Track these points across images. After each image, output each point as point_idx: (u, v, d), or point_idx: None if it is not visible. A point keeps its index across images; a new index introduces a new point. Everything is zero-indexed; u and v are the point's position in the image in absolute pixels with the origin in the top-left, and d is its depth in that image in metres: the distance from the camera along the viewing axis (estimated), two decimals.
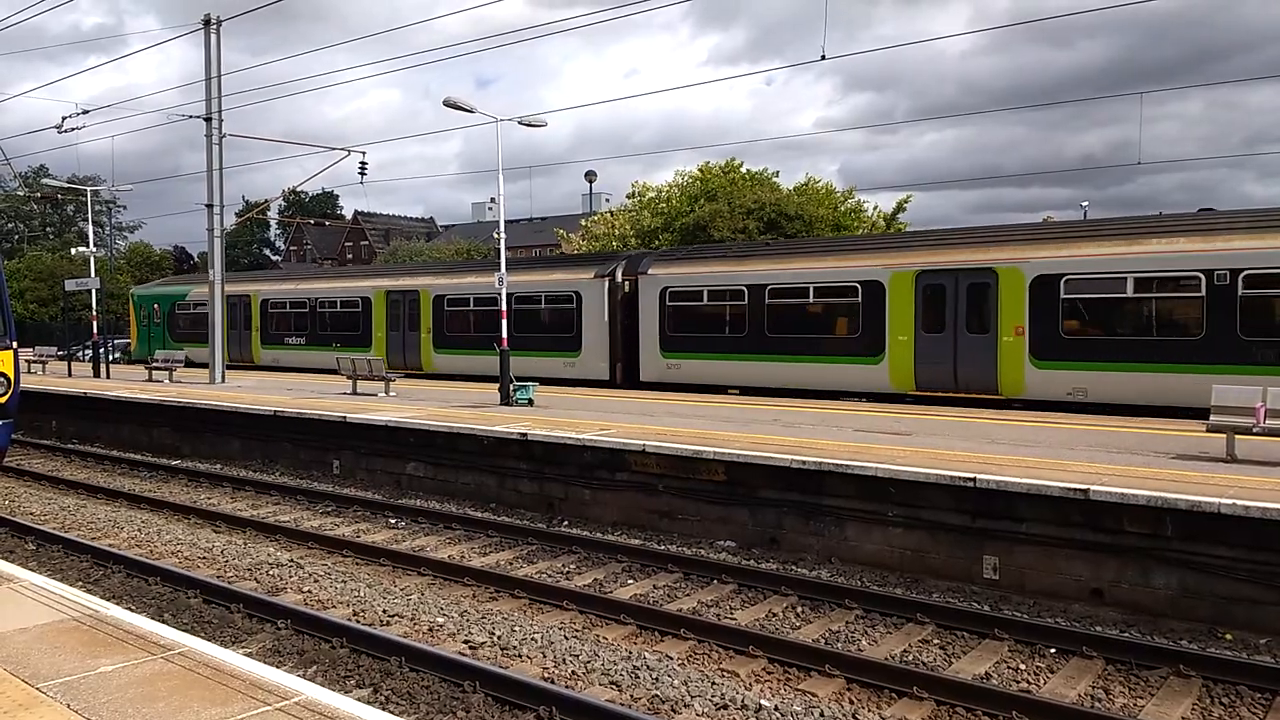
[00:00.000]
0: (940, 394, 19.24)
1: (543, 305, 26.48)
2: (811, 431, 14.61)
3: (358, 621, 9.18)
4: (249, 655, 7.50)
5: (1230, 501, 8.94)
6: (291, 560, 11.75)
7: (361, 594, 10.24)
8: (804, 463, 11.77)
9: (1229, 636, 8.80)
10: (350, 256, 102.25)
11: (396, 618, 9.39)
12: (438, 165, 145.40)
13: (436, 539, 13.19)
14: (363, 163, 28.47)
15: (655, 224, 38.98)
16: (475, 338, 27.28)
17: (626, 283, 24.95)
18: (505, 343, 20.80)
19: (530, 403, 19.45)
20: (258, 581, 10.85)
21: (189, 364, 29.85)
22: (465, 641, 8.65)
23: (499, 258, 22.53)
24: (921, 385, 19.63)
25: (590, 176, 48.13)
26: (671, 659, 8.35)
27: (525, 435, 14.77)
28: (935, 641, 8.93)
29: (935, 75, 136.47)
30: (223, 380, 26.33)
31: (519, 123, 22.48)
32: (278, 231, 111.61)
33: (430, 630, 9.02)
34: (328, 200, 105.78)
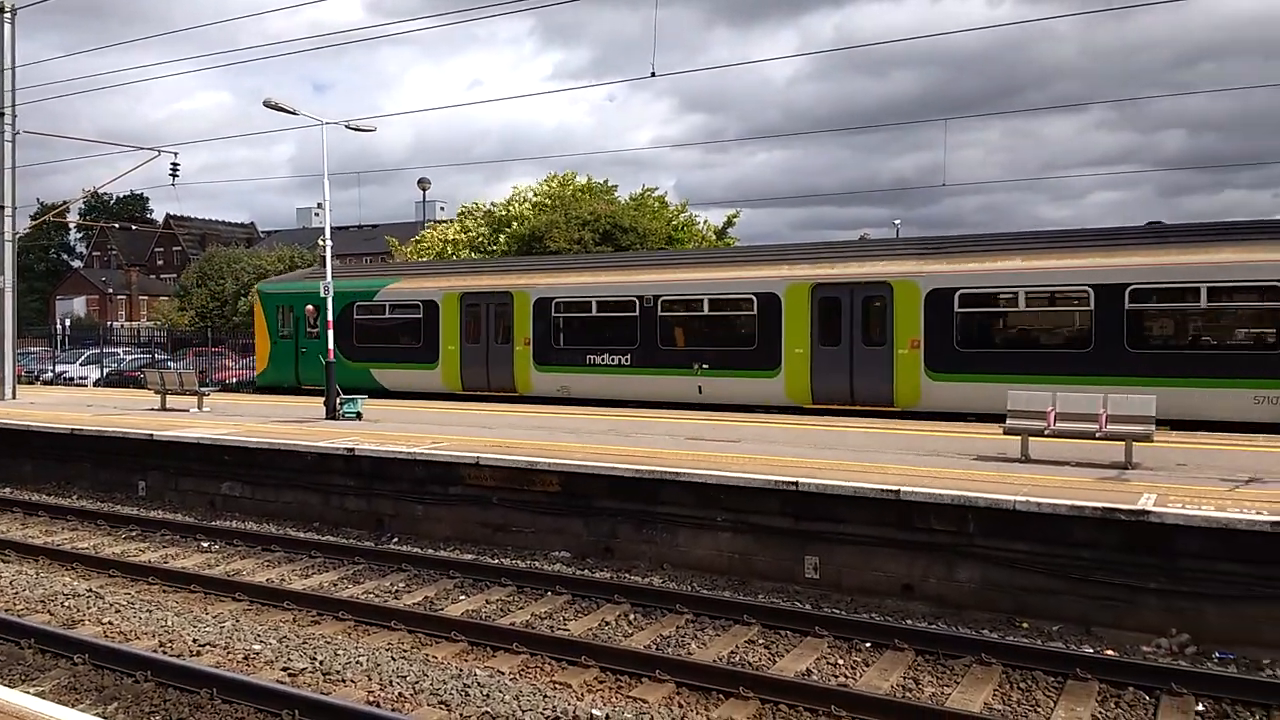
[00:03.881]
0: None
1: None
2: (648, 441, 14.79)
3: (164, 653, 8.58)
4: (40, 694, 6.89)
5: (1024, 499, 9.66)
6: (90, 590, 10.87)
7: (169, 623, 9.58)
8: (638, 471, 11.90)
9: (1025, 625, 9.50)
10: (161, 263, 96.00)
11: (208, 647, 8.84)
12: (267, 170, 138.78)
13: (254, 562, 12.53)
14: (174, 164, 26.84)
15: (482, 236, 38.56)
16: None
17: None
18: (332, 354, 20.04)
19: (359, 416, 18.81)
20: (51, 614, 9.98)
21: (376, 394, 23.40)
22: (284, 669, 8.23)
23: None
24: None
25: (423, 184, 47.02)
26: (503, 674, 8.24)
27: (352, 450, 14.26)
28: (761, 641, 9.20)
29: (764, 99, 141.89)
30: (13, 396, 24.15)
31: (347, 127, 21.78)
32: (79, 236, 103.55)
33: (246, 658, 8.54)
34: (136, 203, 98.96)
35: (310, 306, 25.24)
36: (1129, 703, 7.67)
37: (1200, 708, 7.51)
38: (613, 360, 21.92)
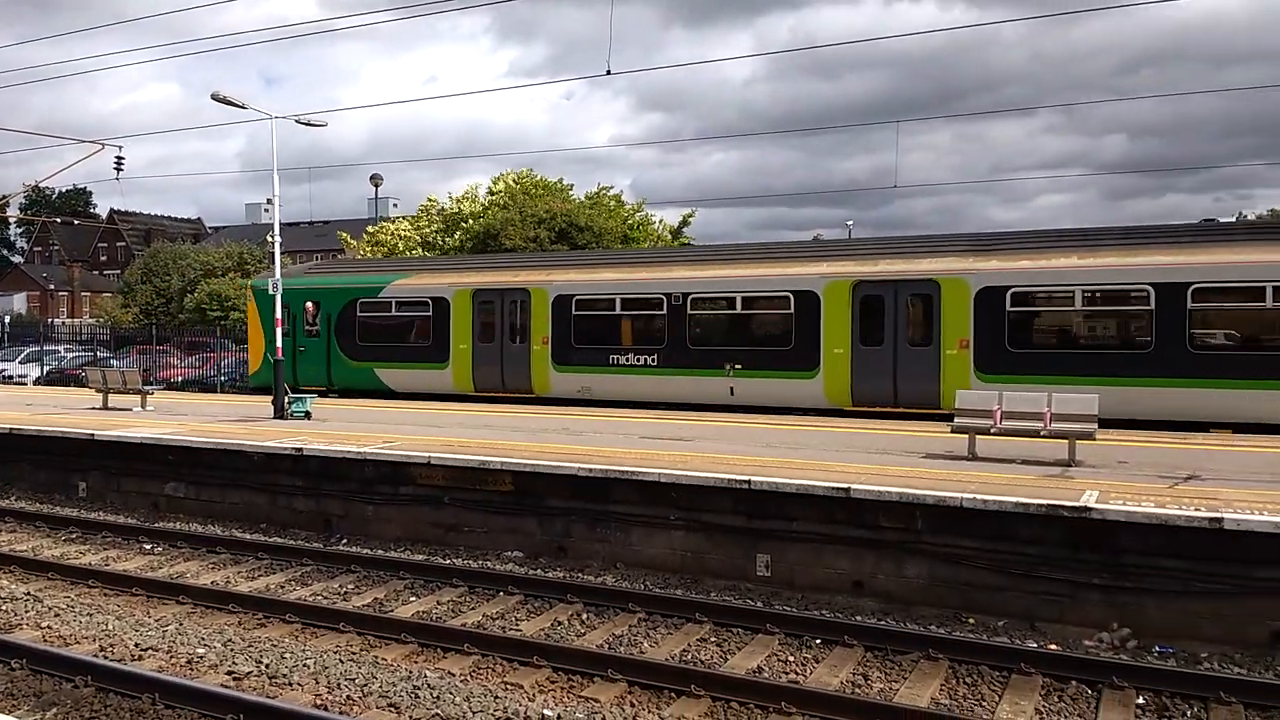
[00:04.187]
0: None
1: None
2: (599, 439, 14.77)
3: (105, 657, 8.38)
4: None
5: (971, 496, 9.81)
6: (28, 593, 10.57)
7: (110, 627, 9.35)
8: (590, 470, 11.88)
9: (972, 620, 9.64)
10: (104, 258, 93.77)
11: (151, 651, 8.64)
12: (217, 164, 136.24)
13: (199, 564, 12.29)
14: (119, 158, 26.24)
15: (437, 233, 38.22)
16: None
17: None
18: (280, 352, 19.73)
19: (308, 415, 18.55)
20: None
21: (381, 395, 23.18)
22: (229, 672, 8.08)
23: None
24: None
25: (376, 180, 46.47)
26: (454, 675, 8.18)
27: (300, 450, 14.04)
28: (713, 639, 9.23)
29: (721, 100, 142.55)
30: None
31: (297, 121, 21.44)
32: (19, 231, 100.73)
33: (189, 662, 8.36)
34: (79, 197, 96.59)
35: (309, 303, 24.65)
36: (1072, 696, 7.82)
37: (1141, 701, 7.68)
38: (638, 360, 20.94)
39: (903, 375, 18.30)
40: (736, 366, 19.79)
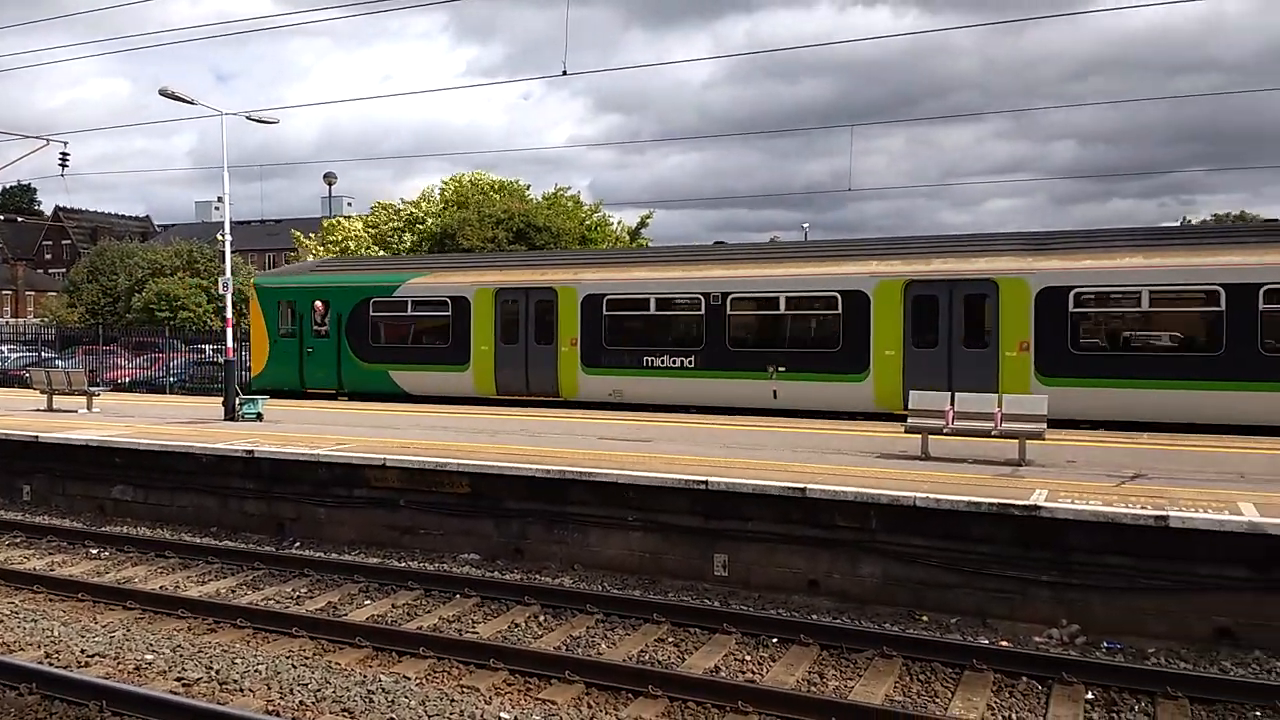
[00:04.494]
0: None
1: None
2: (556, 441, 14.73)
3: (51, 664, 8.17)
4: None
5: (924, 495, 9.95)
6: None
7: (56, 633, 9.12)
8: (548, 471, 11.84)
9: (925, 618, 9.77)
10: (49, 257, 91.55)
11: (97, 658, 8.44)
12: (166, 161, 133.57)
13: (147, 569, 12.04)
14: (64, 154, 25.59)
15: (393, 232, 37.89)
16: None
17: None
18: (231, 351, 19.41)
19: (259, 417, 18.27)
20: None
21: (395, 398, 22.35)
22: (178, 679, 7.91)
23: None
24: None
25: (329, 179, 45.96)
26: (409, 679, 8.09)
27: (251, 452, 13.82)
28: (670, 640, 9.25)
29: (679, 101, 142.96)
30: None
31: (248, 118, 21.14)
32: None
33: (137, 669, 8.18)
34: (23, 194, 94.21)
35: (318, 302, 23.72)
36: (1022, 692, 7.95)
37: (1090, 696, 7.83)
38: (674, 362, 20.17)
39: (959, 378, 17.42)
40: (780, 369, 19.18)
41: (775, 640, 9.09)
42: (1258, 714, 7.36)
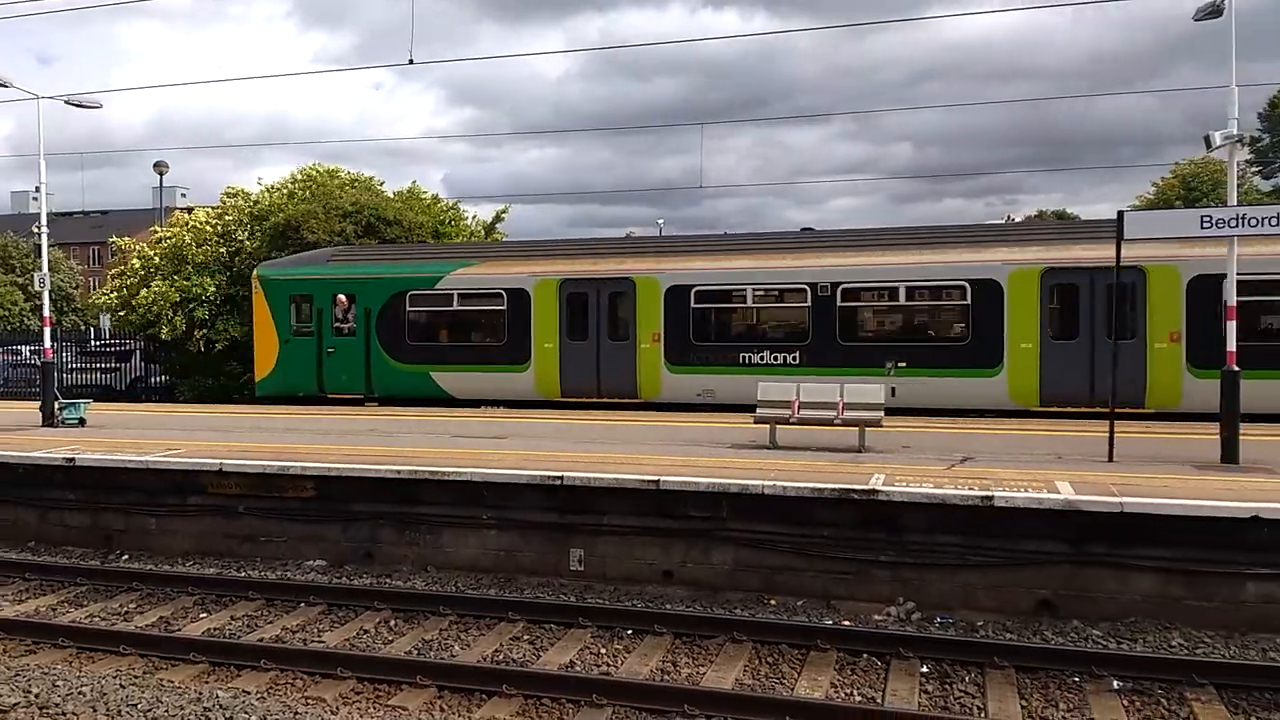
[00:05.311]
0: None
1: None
2: (410, 440, 14.38)
3: None
4: None
5: (771, 483, 10.24)
6: None
7: None
8: (398, 472, 11.55)
9: (774, 602, 10.07)
10: None
11: None
12: None
13: None
14: None
15: (241, 224, 36.00)
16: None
17: None
18: (49, 352, 18.04)
19: (81, 422, 17.06)
20: None
21: (437, 401, 20.09)
22: None
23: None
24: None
25: (160, 168, 43.25)
26: (249, 694, 7.73)
27: (73, 460, 12.89)
28: (525, 637, 9.19)
29: (535, 96, 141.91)
30: None
31: (67, 102, 19.61)
32: None
33: None
34: None
35: (342, 296, 21.17)
36: (863, 669, 8.31)
37: (925, 670, 8.25)
38: (776, 359, 18.75)
39: (1102, 371, 16.46)
40: (900, 365, 17.95)
41: (630, 632, 9.17)
42: (1076, 679, 7.93)
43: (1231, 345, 12.26)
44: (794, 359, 18.67)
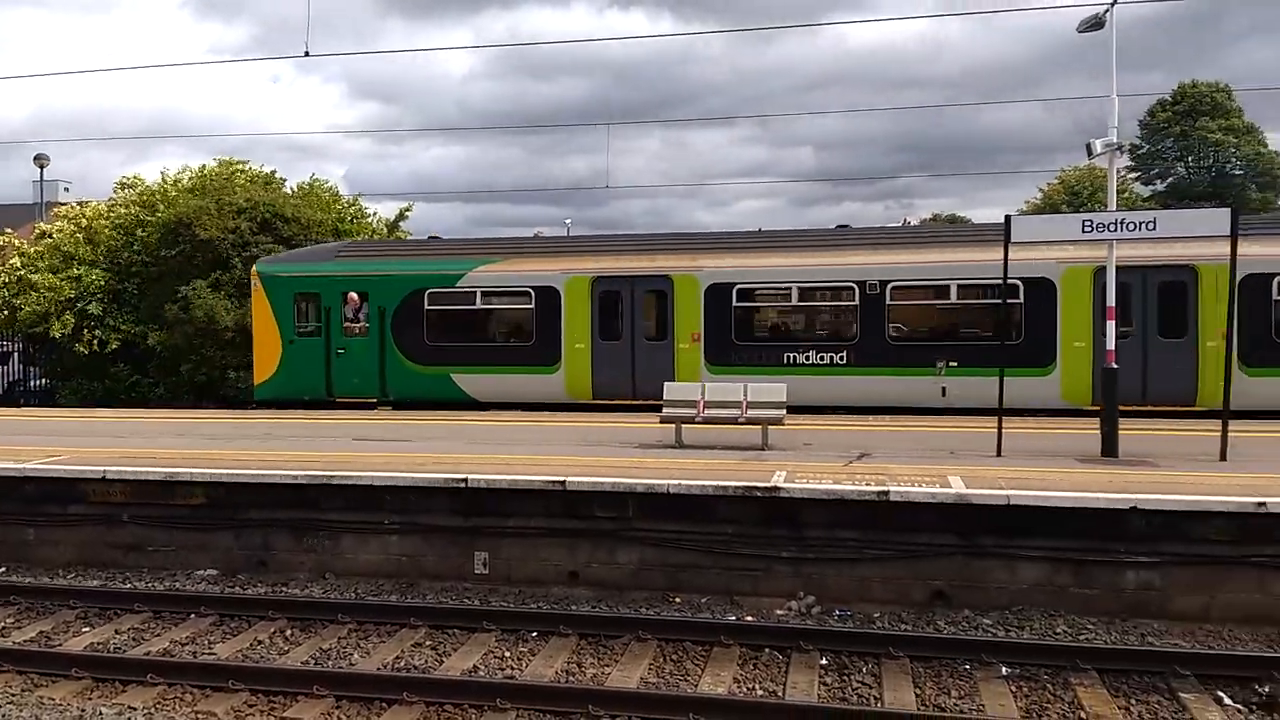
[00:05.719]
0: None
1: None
2: (305, 444, 14.00)
3: None
4: None
5: (676, 483, 10.31)
6: None
7: None
8: (295, 477, 11.23)
9: (679, 600, 10.14)
10: None
11: None
12: None
13: None
14: None
15: (137, 218, 34.49)
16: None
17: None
18: None
19: None
20: None
21: (459, 405, 19.08)
22: None
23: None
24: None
25: (41, 160, 41.15)
26: (135, 710, 7.42)
27: None
28: (428, 643, 9.04)
29: (440, 92, 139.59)
30: None
31: None
32: None
33: None
34: None
35: (353, 294, 20.12)
36: (765, 663, 8.43)
37: (824, 662, 8.42)
38: (822, 359, 18.41)
39: (1153, 369, 16.85)
40: (951, 364, 17.74)
41: (535, 634, 9.11)
42: (967, 667, 8.21)
43: (1110, 345, 12.89)
44: (841, 359, 18.45)
